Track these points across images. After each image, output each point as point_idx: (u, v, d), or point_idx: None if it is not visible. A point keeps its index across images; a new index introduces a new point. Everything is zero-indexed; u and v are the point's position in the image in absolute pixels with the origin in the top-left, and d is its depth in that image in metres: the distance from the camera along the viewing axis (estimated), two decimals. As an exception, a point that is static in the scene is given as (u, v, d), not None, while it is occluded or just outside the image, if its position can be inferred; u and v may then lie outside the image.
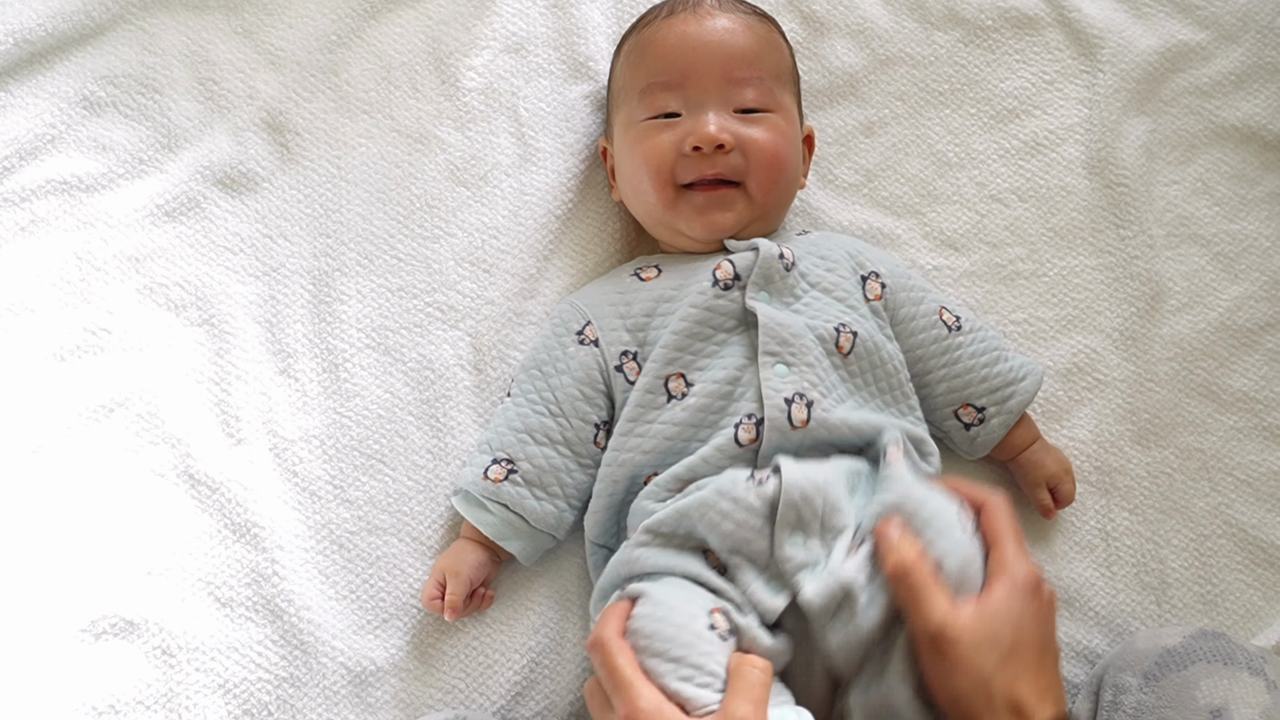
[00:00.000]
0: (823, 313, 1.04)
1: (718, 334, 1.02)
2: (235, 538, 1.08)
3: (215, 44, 1.23)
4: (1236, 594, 1.14)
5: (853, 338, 1.03)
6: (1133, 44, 1.29)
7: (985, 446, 1.12)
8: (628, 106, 1.12)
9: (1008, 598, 0.86)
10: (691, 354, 1.02)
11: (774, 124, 1.08)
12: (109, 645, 1.05)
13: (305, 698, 1.05)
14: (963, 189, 1.26)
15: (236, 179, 1.19)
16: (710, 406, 1.00)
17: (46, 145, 1.18)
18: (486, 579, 1.06)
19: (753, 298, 1.03)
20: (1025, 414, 1.13)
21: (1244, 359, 1.21)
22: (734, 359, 1.01)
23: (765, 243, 1.06)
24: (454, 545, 1.06)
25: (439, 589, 1.03)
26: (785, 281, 1.04)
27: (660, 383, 1.02)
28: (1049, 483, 1.12)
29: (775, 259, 1.04)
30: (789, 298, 1.04)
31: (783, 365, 1.00)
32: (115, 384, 1.12)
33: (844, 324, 1.03)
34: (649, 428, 1.01)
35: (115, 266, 1.16)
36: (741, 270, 1.04)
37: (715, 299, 1.03)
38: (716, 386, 1.00)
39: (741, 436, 0.97)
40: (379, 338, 1.16)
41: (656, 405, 1.01)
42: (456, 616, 1.03)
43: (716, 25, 1.09)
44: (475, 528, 1.05)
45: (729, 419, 0.99)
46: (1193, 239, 1.25)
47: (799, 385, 0.99)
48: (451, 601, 1.02)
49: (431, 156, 1.22)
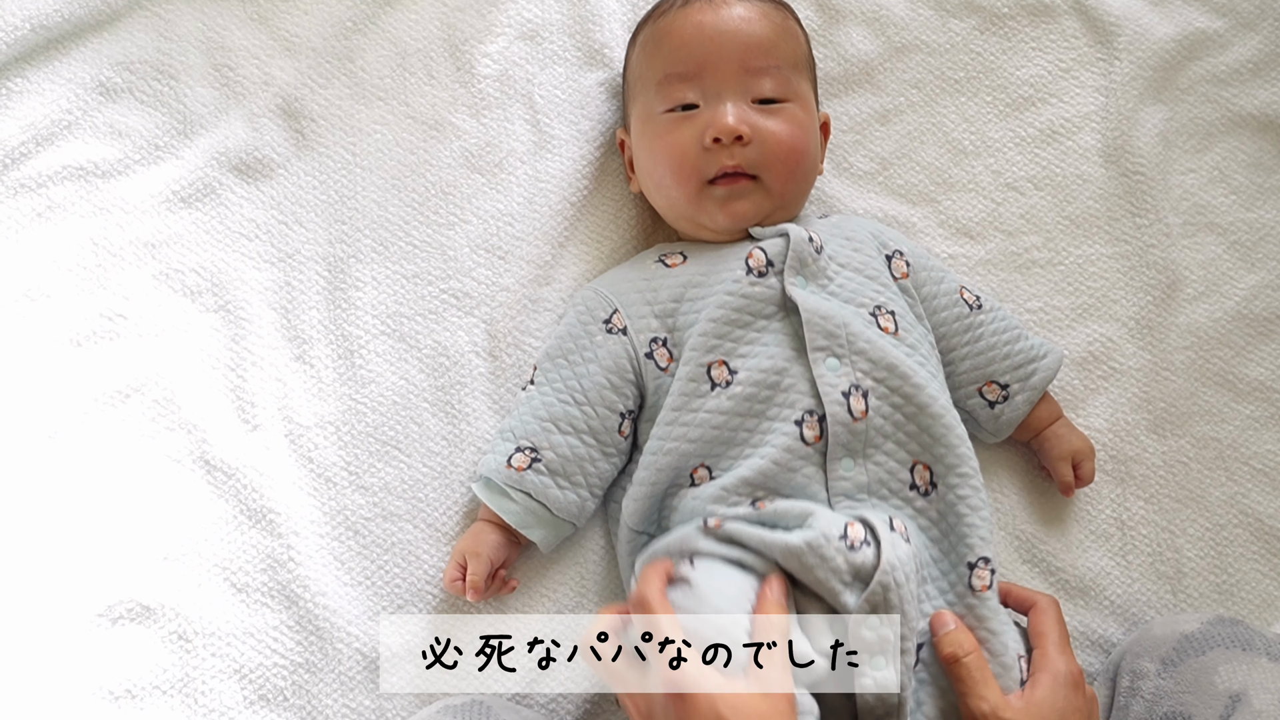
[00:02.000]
0: (858, 293, 1.04)
1: (757, 320, 1.02)
2: (251, 523, 1.09)
3: (231, 30, 1.23)
4: (1252, 583, 1.14)
5: (892, 316, 1.04)
6: (1149, 32, 1.29)
7: (1010, 425, 1.12)
8: (645, 98, 1.12)
9: (1052, 692, 0.90)
10: (732, 341, 1.02)
11: (791, 114, 1.08)
12: (125, 630, 1.05)
13: (320, 683, 1.05)
14: (978, 177, 1.26)
15: (252, 165, 1.20)
16: (757, 396, 0.99)
17: (63, 131, 1.18)
18: (506, 561, 1.06)
19: (792, 283, 1.03)
20: (1046, 391, 1.13)
21: (1261, 348, 1.21)
22: (778, 348, 1.01)
23: (794, 228, 1.06)
24: (473, 527, 1.06)
25: (460, 570, 1.03)
26: (818, 264, 1.05)
27: (703, 370, 1.01)
28: (1074, 458, 1.12)
29: (805, 243, 1.05)
30: (824, 280, 1.05)
31: (833, 358, 1.00)
32: (131, 370, 1.12)
33: (880, 305, 1.04)
34: (694, 415, 1.00)
35: (131, 252, 1.16)
36: (774, 257, 1.04)
37: (751, 286, 1.03)
38: (763, 376, 1.00)
39: (807, 435, 0.98)
40: (394, 324, 1.16)
41: (700, 393, 1.01)
42: (479, 597, 1.03)
43: (733, 14, 1.09)
44: (493, 511, 1.05)
45: (778, 410, 0.99)
46: (1209, 227, 1.24)
47: (852, 377, 0.99)
48: (473, 581, 1.02)
49: (446, 143, 1.22)
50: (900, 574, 0.90)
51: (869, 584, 0.89)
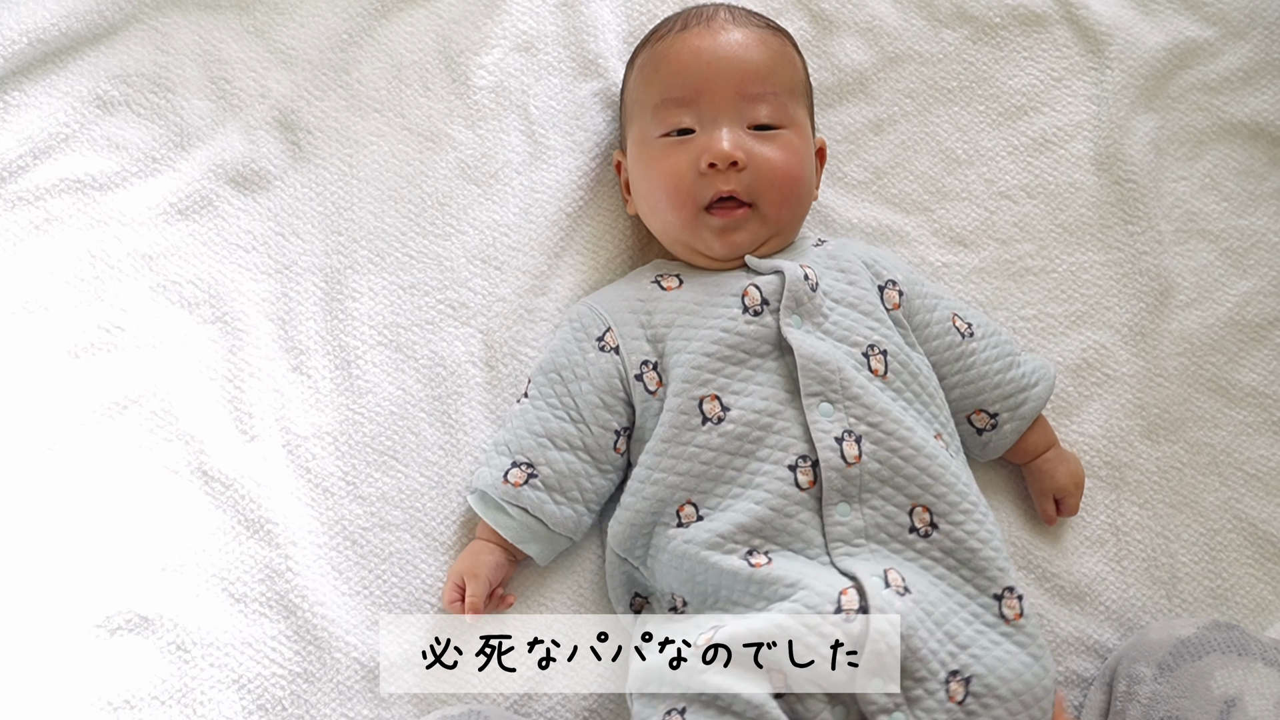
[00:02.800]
0: (852, 331, 1.04)
1: (751, 359, 1.03)
2: (249, 534, 1.09)
3: (227, 43, 1.24)
4: (1246, 588, 1.14)
5: (884, 357, 1.03)
6: (1141, 41, 1.30)
7: (996, 451, 1.13)
8: (641, 121, 1.12)
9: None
10: (725, 377, 1.02)
11: (787, 141, 1.08)
12: (124, 641, 1.05)
13: (319, 692, 1.05)
14: (972, 186, 1.26)
15: (249, 177, 1.20)
16: (748, 436, 0.99)
17: (60, 144, 1.18)
18: (504, 579, 1.06)
19: (788, 323, 1.03)
20: (1040, 417, 1.13)
21: (1253, 354, 1.21)
22: (772, 389, 1.01)
23: (789, 265, 1.06)
24: (470, 547, 1.07)
25: (458, 592, 1.03)
26: (813, 302, 1.05)
27: (695, 403, 1.01)
28: (1056, 494, 1.13)
29: (801, 281, 1.05)
30: (818, 318, 1.04)
31: (827, 404, 1.00)
32: (129, 381, 1.12)
33: (873, 344, 1.04)
34: (684, 449, 1.00)
35: (129, 264, 1.16)
36: (769, 295, 1.05)
37: (746, 325, 1.03)
38: (755, 416, 1.00)
39: (801, 480, 0.98)
40: (391, 335, 1.16)
41: (691, 426, 1.01)
42: (476, 617, 1.03)
43: (730, 40, 1.09)
44: (491, 529, 1.05)
45: (769, 452, 0.99)
46: (1201, 234, 1.25)
47: (845, 422, 0.99)
48: (472, 603, 1.02)
49: (442, 154, 1.22)
50: (893, 638, 0.89)
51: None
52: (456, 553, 1.09)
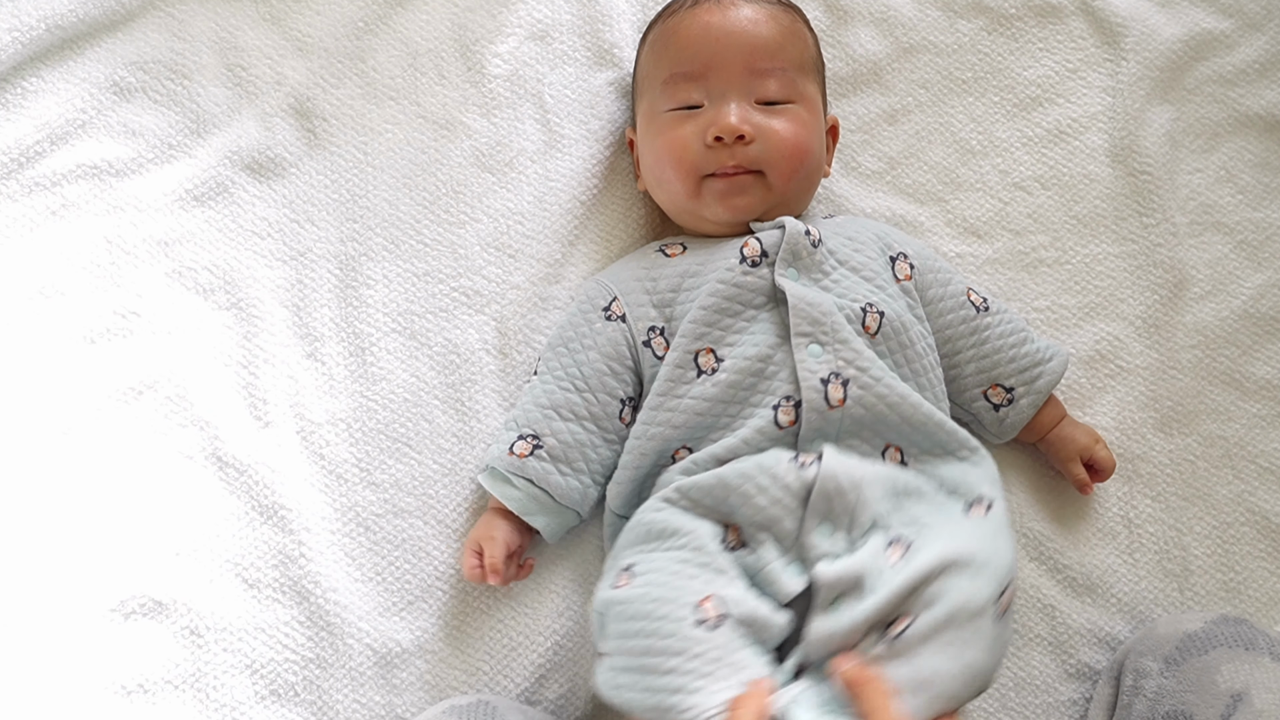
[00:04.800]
0: (850, 291, 1.04)
1: (746, 310, 1.03)
2: (263, 519, 1.09)
3: (244, 30, 1.24)
4: (1259, 581, 1.14)
5: (879, 318, 1.03)
6: (1156, 32, 1.29)
7: (1014, 428, 1.12)
8: (650, 96, 1.12)
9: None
10: (721, 329, 1.02)
11: (795, 115, 1.09)
12: (138, 625, 1.06)
13: (331, 679, 1.05)
14: (986, 177, 1.26)
15: (264, 164, 1.20)
16: (741, 383, 1.00)
17: (77, 130, 1.19)
18: (520, 547, 1.06)
19: (781, 274, 1.03)
20: (1052, 394, 1.13)
21: (1267, 347, 1.21)
22: (764, 336, 1.01)
23: (791, 220, 1.06)
24: (482, 518, 1.07)
25: (477, 558, 1.04)
26: (813, 258, 1.05)
27: (690, 357, 1.02)
28: (1082, 455, 1.13)
29: (801, 235, 1.05)
30: (817, 274, 1.05)
31: (816, 345, 1.00)
32: (144, 367, 1.13)
33: (871, 303, 1.03)
34: (679, 402, 1.01)
35: (145, 250, 1.17)
36: (769, 247, 1.05)
37: (743, 275, 1.03)
38: (747, 364, 1.00)
39: (781, 419, 0.98)
40: (405, 322, 1.16)
41: (686, 380, 1.02)
42: (500, 579, 1.02)
43: (740, 15, 1.10)
44: (501, 502, 1.05)
45: (760, 397, 1.00)
46: (1216, 227, 1.25)
47: (834, 364, 0.99)
48: (492, 564, 1.02)
49: (457, 142, 1.23)
50: (845, 480, 0.93)
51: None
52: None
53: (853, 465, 0.95)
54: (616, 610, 0.90)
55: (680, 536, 0.93)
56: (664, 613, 0.86)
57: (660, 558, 0.92)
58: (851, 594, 0.89)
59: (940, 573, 0.88)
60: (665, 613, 0.86)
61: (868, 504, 0.94)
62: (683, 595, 0.87)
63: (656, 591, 0.88)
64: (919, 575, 0.87)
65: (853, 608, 0.88)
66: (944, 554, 0.88)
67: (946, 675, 0.85)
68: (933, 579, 0.87)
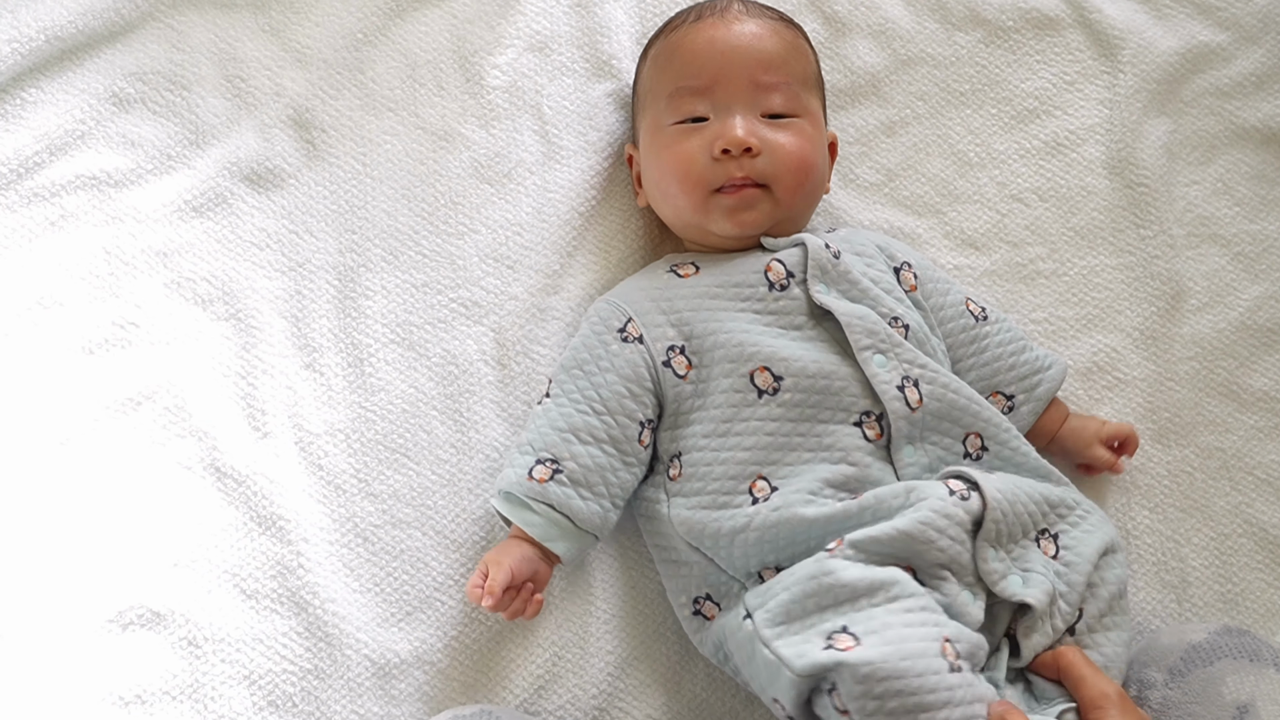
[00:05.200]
0: (877, 302, 1.06)
1: (789, 330, 1.04)
2: (261, 530, 1.09)
3: (243, 41, 1.24)
4: (1257, 593, 1.14)
5: (905, 330, 1.05)
6: (1153, 45, 1.30)
7: None
8: (655, 110, 1.12)
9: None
10: (769, 348, 1.02)
11: (800, 129, 1.09)
12: (135, 636, 1.05)
13: (329, 689, 1.05)
14: (983, 189, 1.26)
15: (263, 175, 1.20)
16: (808, 401, 1.00)
17: (76, 141, 1.19)
18: (535, 577, 1.03)
19: (818, 291, 1.04)
20: (1054, 398, 1.14)
21: (1264, 359, 1.21)
22: (820, 353, 1.02)
23: (809, 237, 1.07)
24: (502, 543, 1.04)
25: (482, 578, 0.99)
26: (838, 270, 1.06)
27: (746, 379, 1.02)
28: (1101, 440, 1.14)
29: (823, 250, 1.06)
30: (845, 285, 1.06)
31: (880, 355, 1.02)
32: (143, 377, 1.13)
33: (897, 316, 1.05)
34: (746, 425, 1.01)
35: (143, 261, 1.16)
36: (793, 267, 1.06)
37: (775, 301, 1.05)
38: (811, 381, 1.01)
39: (869, 434, 1.00)
40: (403, 333, 1.16)
41: (749, 403, 1.01)
42: (495, 604, 0.98)
43: (744, 30, 1.10)
44: (521, 529, 1.02)
45: (832, 414, 1.01)
46: (1213, 239, 1.25)
47: (901, 369, 1.02)
48: (490, 587, 0.97)
49: (456, 154, 1.23)
50: (1004, 502, 0.96)
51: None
52: (468, 550, 1.10)
53: (999, 484, 0.97)
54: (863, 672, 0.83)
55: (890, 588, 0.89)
56: (921, 668, 0.83)
57: (882, 613, 0.87)
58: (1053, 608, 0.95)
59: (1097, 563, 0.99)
60: (923, 668, 0.83)
61: (1020, 519, 0.97)
62: (929, 647, 0.85)
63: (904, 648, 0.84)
64: (1089, 571, 0.98)
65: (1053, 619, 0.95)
66: (1098, 545, 0.99)
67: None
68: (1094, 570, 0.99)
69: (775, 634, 0.88)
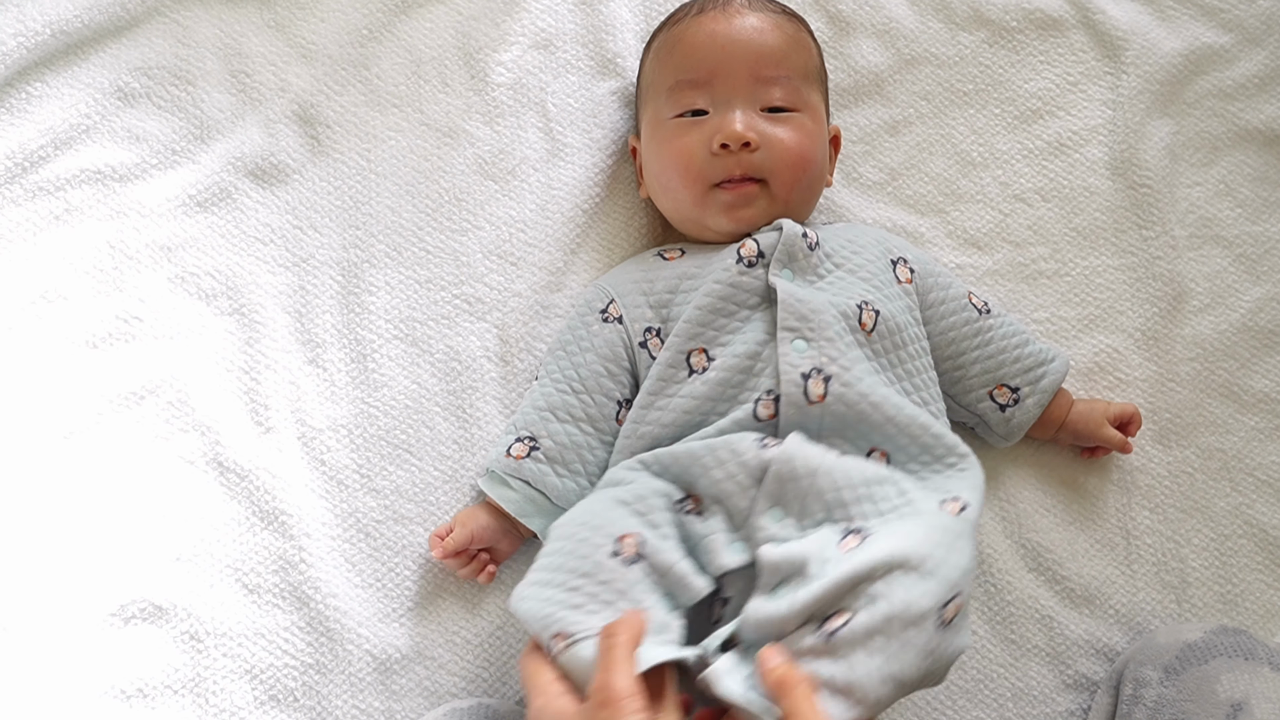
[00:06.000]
0: (846, 290, 1.04)
1: (740, 310, 1.03)
2: (263, 525, 1.09)
3: (248, 37, 1.24)
4: (1256, 593, 1.15)
5: (875, 315, 1.03)
6: (1156, 46, 1.30)
7: (1021, 428, 1.13)
8: (655, 103, 1.13)
9: None
10: (715, 329, 1.02)
11: (800, 123, 1.09)
12: (137, 630, 1.06)
13: (331, 684, 1.05)
14: (986, 188, 1.26)
15: (267, 170, 1.21)
16: (729, 380, 1.00)
17: (81, 135, 1.19)
18: (496, 550, 1.07)
19: (775, 274, 1.03)
20: (1060, 389, 1.14)
21: (1265, 360, 1.21)
22: (755, 335, 1.01)
23: (788, 222, 1.07)
24: (477, 505, 1.09)
25: (448, 531, 1.05)
26: (809, 260, 1.05)
27: (682, 357, 1.02)
28: (1110, 420, 1.14)
29: (798, 237, 1.05)
30: (811, 275, 1.05)
31: (801, 340, 0.99)
32: (146, 372, 1.13)
33: (867, 301, 1.03)
34: (669, 400, 1.01)
35: (147, 255, 1.17)
36: (765, 248, 1.05)
37: (739, 275, 1.04)
38: (736, 360, 1.00)
39: (760, 412, 0.97)
40: (407, 329, 1.17)
41: (677, 379, 1.02)
42: (443, 557, 1.05)
43: (746, 24, 1.10)
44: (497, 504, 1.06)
45: (748, 394, 0.99)
46: (1215, 240, 1.25)
47: (817, 360, 0.98)
48: (447, 544, 1.04)
49: (460, 150, 1.23)
50: (800, 466, 0.91)
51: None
52: (470, 546, 1.10)
53: (814, 454, 0.92)
54: (551, 532, 0.92)
55: (626, 485, 0.94)
56: (584, 536, 0.88)
57: (602, 494, 0.95)
58: (793, 580, 0.85)
59: (887, 570, 0.82)
60: (585, 536, 0.88)
61: (821, 493, 0.90)
62: (607, 527, 0.89)
63: (584, 518, 0.91)
64: (864, 569, 0.82)
65: (792, 594, 0.83)
66: (894, 550, 0.83)
67: (874, 681, 0.80)
68: (878, 576, 0.82)
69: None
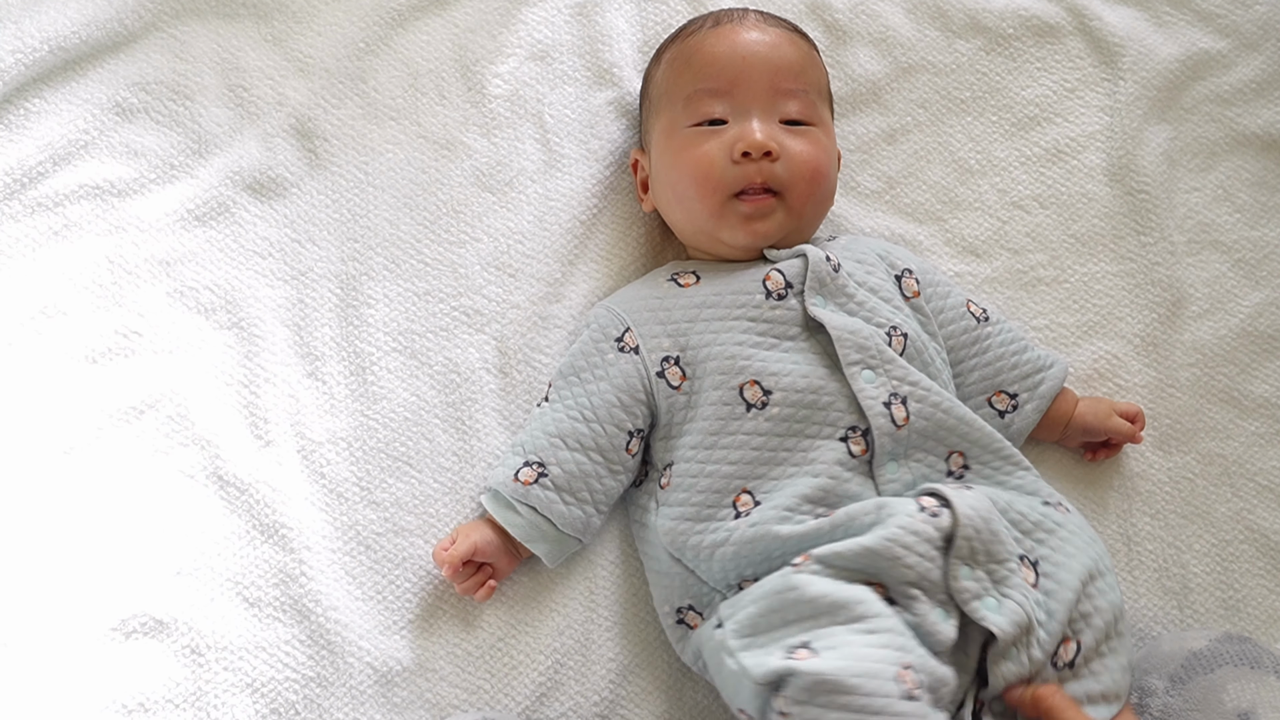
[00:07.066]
0: (875, 313, 1.06)
1: (783, 342, 1.04)
2: (263, 538, 1.09)
3: (245, 51, 1.25)
4: (1258, 599, 1.14)
5: (904, 340, 1.05)
6: (1153, 52, 1.30)
7: (1021, 434, 1.13)
8: (670, 112, 1.12)
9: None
10: (760, 361, 1.03)
11: (815, 138, 1.10)
12: (139, 644, 1.05)
13: (332, 697, 1.05)
14: (984, 196, 1.27)
15: (266, 184, 1.21)
16: (795, 415, 1.01)
17: (79, 151, 1.19)
18: (498, 567, 1.07)
19: (814, 304, 1.04)
20: (1063, 389, 1.15)
21: (1265, 365, 1.21)
22: (810, 366, 1.02)
23: (810, 249, 1.07)
24: (478, 519, 1.08)
25: (451, 542, 1.05)
26: (836, 283, 1.06)
27: (735, 393, 1.02)
28: (1118, 413, 1.15)
29: (823, 262, 1.06)
30: (842, 298, 1.06)
31: (869, 370, 1.02)
32: (146, 386, 1.13)
33: (895, 326, 1.05)
34: (733, 439, 1.01)
35: (146, 270, 1.17)
36: (792, 278, 1.06)
37: (771, 310, 1.05)
38: (800, 396, 1.01)
39: (854, 449, 1.00)
40: (405, 341, 1.17)
41: (736, 416, 1.02)
42: (450, 567, 1.03)
43: (764, 37, 1.12)
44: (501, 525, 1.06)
45: (819, 429, 1.00)
46: (1214, 246, 1.25)
47: (889, 385, 1.01)
48: (450, 555, 1.03)
49: (458, 162, 1.23)
50: (977, 519, 0.93)
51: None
52: (470, 558, 1.10)
53: (973, 502, 0.95)
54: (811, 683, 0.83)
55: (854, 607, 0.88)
56: (871, 689, 0.83)
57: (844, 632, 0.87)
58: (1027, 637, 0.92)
59: (1085, 590, 0.95)
60: (873, 689, 0.83)
61: (1000, 538, 0.94)
62: (884, 670, 0.84)
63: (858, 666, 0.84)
64: (1072, 600, 0.94)
65: (1030, 649, 0.91)
66: (1081, 572, 0.95)
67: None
68: (1081, 599, 0.95)
69: (741, 645, 0.90)
